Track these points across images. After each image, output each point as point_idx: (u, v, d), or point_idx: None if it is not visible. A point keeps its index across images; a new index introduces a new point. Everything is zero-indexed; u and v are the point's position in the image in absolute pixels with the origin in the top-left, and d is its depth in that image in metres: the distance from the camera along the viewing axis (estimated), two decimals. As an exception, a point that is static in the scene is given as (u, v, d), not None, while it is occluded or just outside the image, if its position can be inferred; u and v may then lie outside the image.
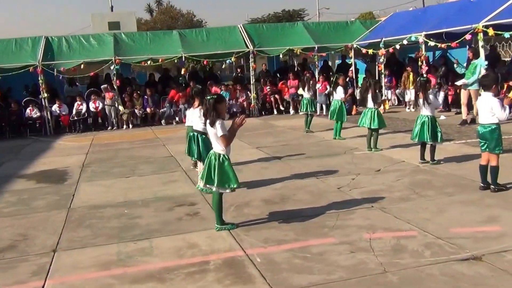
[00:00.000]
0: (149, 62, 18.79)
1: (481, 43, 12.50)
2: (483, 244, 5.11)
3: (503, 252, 4.87)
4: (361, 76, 20.27)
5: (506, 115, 6.87)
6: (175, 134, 15.80)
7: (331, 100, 17.65)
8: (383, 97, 17.24)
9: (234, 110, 19.22)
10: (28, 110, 18.33)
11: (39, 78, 17.93)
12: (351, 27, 20.86)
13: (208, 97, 6.12)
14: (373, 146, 10.45)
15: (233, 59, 18.92)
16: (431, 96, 8.58)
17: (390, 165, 9.03)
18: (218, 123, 5.98)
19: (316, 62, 19.68)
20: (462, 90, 13.25)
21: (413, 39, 15.14)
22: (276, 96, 19.43)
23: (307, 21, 46.14)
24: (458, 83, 13.51)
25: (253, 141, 12.87)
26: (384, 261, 4.88)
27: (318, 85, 16.44)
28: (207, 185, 6.15)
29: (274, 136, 13.70)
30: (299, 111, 15.28)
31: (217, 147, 6.11)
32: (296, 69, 21.22)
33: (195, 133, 8.20)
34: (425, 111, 8.62)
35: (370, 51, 17.86)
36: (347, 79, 19.01)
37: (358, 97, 17.28)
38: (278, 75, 21.51)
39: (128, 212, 7.26)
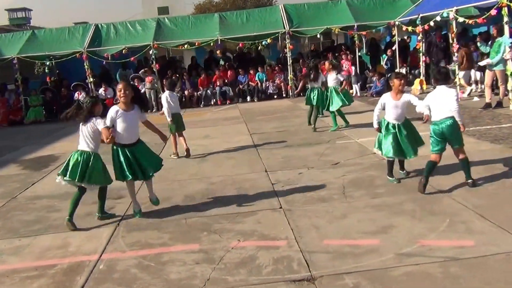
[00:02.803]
0: (186, 46, 18.82)
1: (505, 19, 10.84)
2: (337, 262, 4.44)
3: (346, 274, 4.19)
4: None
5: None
6: (200, 117, 15.78)
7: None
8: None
9: (270, 91, 18.76)
10: (76, 94, 19.30)
11: (85, 64, 18.72)
12: (398, 2, 19.15)
13: (87, 101, 6.11)
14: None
15: (269, 40, 18.36)
16: None
17: (355, 158, 8.22)
18: (96, 119, 5.91)
19: (357, 42, 18.41)
20: (487, 71, 11.70)
21: (444, 15, 13.53)
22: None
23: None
24: (482, 63, 11.98)
25: (255, 126, 12.49)
26: (215, 276, 4.41)
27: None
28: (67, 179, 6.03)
29: (283, 120, 13.11)
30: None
31: (86, 145, 6.04)
32: (341, 48, 20.11)
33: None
34: None
35: (410, 29, 16.36)
36: (386, 59, 17.84)
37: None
38: (324, 54, 20.55)
39: (57, 204, 7.31)
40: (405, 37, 19.54)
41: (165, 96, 9.35)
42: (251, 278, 4.32)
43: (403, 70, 18.84)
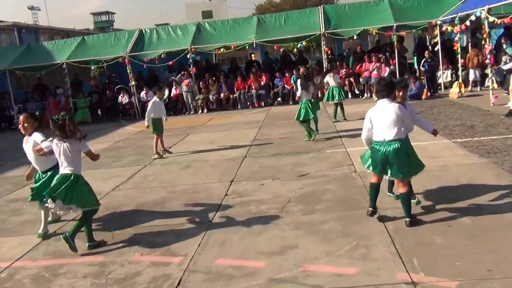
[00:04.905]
0: (222, 49, 18.91)
1: (527, 18, 9.89)
2: (207, 285, 4.27)
3: (203, 299, 3.98)
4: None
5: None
6: (225, 120, 15.83)
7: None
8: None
9: (306, 95, 18.41)
10: (120, 97, 20.09)
11: (127, 68, 19.39)
12: (445, 0, 18.02)
13: (64, 115, 5.51)
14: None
15: (304, 43, 18.05)
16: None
17: (328, 169, 7.83)
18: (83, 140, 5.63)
19: (395, 42, 17.49)
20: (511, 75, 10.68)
21: (477, 14, 12.53)
22: (351, 79, 18.00)
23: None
24: (505, 67, 10.96)
25: (265, 132, 12.35)
26: (87, 291, 4.37)
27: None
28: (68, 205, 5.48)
29: (297, 126, 12.68)
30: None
31: (69, 168, 5.49)
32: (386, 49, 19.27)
33: None
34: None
35: (449, 28, 15.37)
36: (423, 61, 16.89)
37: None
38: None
39: (25, 208, 7.56)
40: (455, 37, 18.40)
41: (152, 101, 10.37)
42: (116, 296, 4.23)
43: (448, 72, 17.80)
